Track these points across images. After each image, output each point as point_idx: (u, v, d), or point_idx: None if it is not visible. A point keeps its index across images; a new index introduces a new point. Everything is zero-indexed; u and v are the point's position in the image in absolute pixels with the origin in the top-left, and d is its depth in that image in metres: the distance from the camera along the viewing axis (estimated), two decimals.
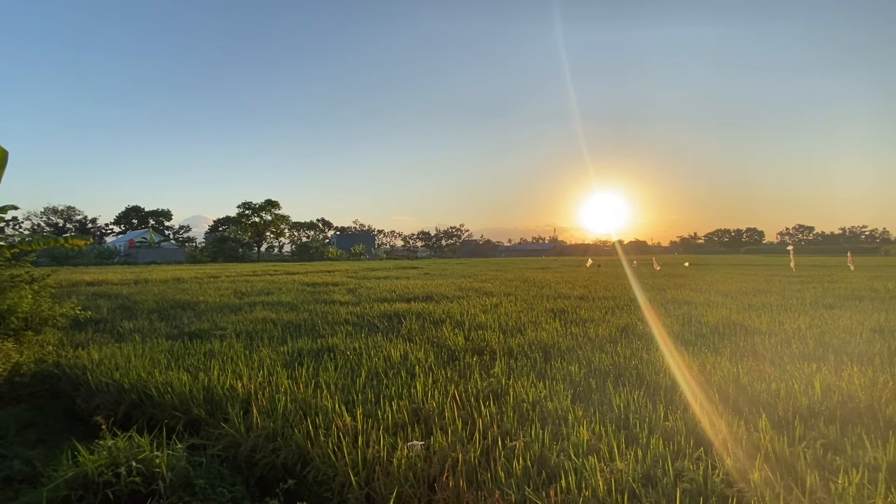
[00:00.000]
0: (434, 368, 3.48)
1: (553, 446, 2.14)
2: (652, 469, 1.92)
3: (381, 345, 4.32)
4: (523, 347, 4.16)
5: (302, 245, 70.77)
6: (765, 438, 2.10)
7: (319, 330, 5.26)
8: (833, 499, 1.68)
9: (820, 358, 3.63)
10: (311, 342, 4.51)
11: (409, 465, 2.01)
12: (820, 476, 1.83)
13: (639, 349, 3.97)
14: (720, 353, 3.84)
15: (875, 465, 1.90)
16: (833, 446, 2.10)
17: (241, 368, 3.48)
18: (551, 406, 2.63)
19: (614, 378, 3.22)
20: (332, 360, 3.82)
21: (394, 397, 2.80)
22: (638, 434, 2.25)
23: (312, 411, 2.62)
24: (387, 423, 2.44)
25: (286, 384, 3.07)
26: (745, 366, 3.36)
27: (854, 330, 4.69)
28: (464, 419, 2.47)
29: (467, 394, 2.86)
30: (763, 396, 2.73)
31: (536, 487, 1.82)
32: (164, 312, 6.95)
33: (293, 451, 2.30)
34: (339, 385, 3.08)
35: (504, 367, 3.49)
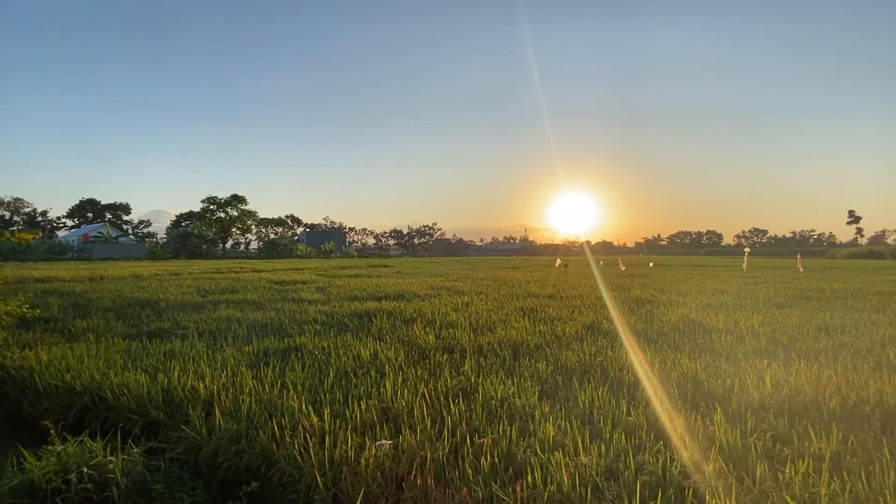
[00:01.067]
0: (404, 367, 3.47)
1: (520, 442, 2.18)
2: (614, 463, 1.98)
3: (350, 344, 4.27)
4: (493, 345, 4.20)
5: (270, 242, 69.01)
6: (719, 431, 2.21)
7: (287, 329, 5.15)
8: (780, 487, 1.78)
9: (771, 354, 3.83)
10: (278, 341, 4.41)
11: (378, 464, 1.99)
12: (769, 466, 1.93)
13: (604, 347, 4.08)
14: (680, 350, 4.00)
15: (819, 455, 2.03)
16: (781, 438, 2.23)
17: (203, 369, 3.37)
18: (519, 403, 2.68)
19: (580, 375, 3.30)
20: (300, 359, 3.75)
21: (363, 397, 2.78)
22: (602, 429, 2.32)
23: (278, 412, 2.57)
24: (355, 422, 2.41)
25: (251, 385, 2.99)
26: (703, 362, 3.52)
27: (802, 328, 4.98)
28: (433, 417, 2.47)
29: (437, 392, 2.87)
30: (719, 391, 2.87)
31: (503, 483, 1.85)
32: (121, 311, 6.63)
33: (258, 452, 2.25)
34: (307, 385, 3.03)
35: (474, 365, 3.52)
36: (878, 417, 2.44)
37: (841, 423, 2.37)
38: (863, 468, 1.90)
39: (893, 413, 2.49)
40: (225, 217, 65.28)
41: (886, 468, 1.87)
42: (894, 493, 1.70)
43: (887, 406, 2.56)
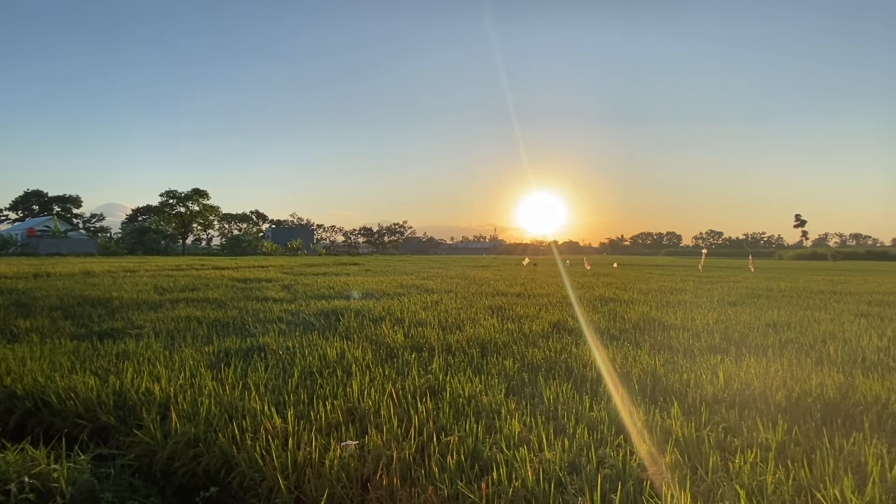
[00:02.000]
0: (372, 366, 3.43)
1: (486, 439, 2.20)
2: (577, 457, 2.03)
3: (316, 343, 4.18)
4: (461, 343, 4.22)
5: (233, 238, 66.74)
6: (676, 425, 2.30)
7: (250, 328, 4.99)
8: (731, 476, 1.87)
9: (724, 350, 4.03)
10: (241, 341, 4.27)
11: (342, 465, 1.96)
12: (721, 457, 2.03)
13: (569, 344, 4.18)
14: (640, 346, 4.14)
15: (766, 445, 2.14)
16: (732, 429, 2.34)
17: (159, 370, 3.22)
18: (486, 400, 2.70)
19: (545, 372, 3.36)
20: (263, 359, 3.65)
21: (328, 397, 2.73)
22: (566, 424, 2.37)
23: (239, 414, 2.49)
24: (320, 423, 2.37)
25: (211, 386, 2.88)
26: (662, 358, 3.66)
27: (752, 325, 5.26)
28: (400, 417, 2.46)
29: (405, 391, 2.85)
30: (676, 386, 2.99)
31: (469, 481, 1.86)
32: (69, 310, 6.25)
33: (217, 456, 2.17)
34: (270, 386, 2.95)
35: (442, 363, 3.52)
36: (819, 409, 2.61)
37: (786, 414, 2.51)
38: (805, 456, 2.02)
39: (832, 404, 2.66)
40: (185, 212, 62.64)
41: (826, 456, 2.00)
42: (833, 479, 1.82)
43: (827, 398, 2.73)
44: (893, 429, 2.35)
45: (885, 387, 2.92)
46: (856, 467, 1.94)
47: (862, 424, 2.38)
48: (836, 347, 4.05)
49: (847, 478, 1.78)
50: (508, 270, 18.80)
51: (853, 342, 4.33)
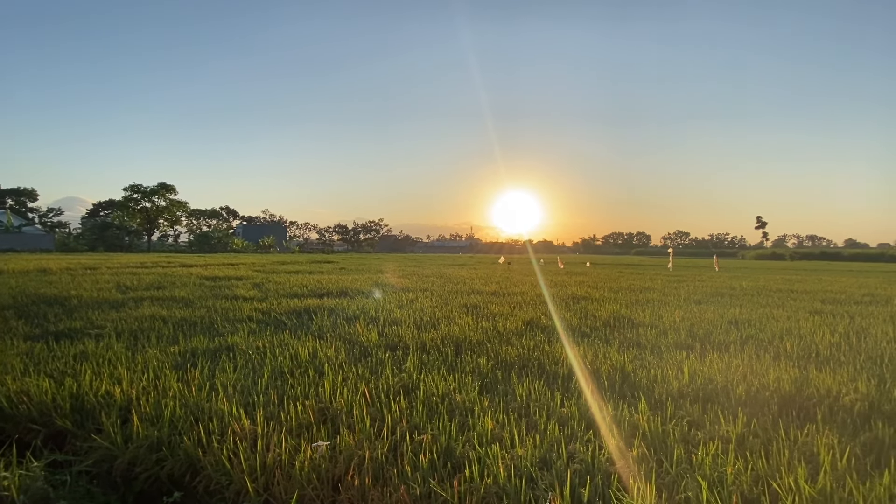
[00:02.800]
0: (345, 366, 3.39)
1: (459, 437, 2.20)
2: (548, 453, 2.06)
3: (288, 343, 4.10)
4: (436, 342, 4.22)
5: (202, 235, 64.71)
6: (643, 419, 2.37)
7: (218, 328, 4.85)
8: (694, 468, 1.94)
9: (689, 346, 4.17)
10: (208, 341, 4.14)
11: (313, 466, 1.93)
12: (685, 450, 2.10)
13: (541, 341, 4.24)
14: (610, 343, 4.24)
15: (727, 438, 2.23)
16: (696, 423, 2.43)
17: (120, 372, 3.09)
18: (460, 398, 2.71)
19: (519, 369, 3.40)
20: (232, 360, 3.55)
21: (299, 397, 2.68)
22: (537, 421, 2.41)
23: (206, 416, 2.42)
24: (290, 424, 2.32)
25: (176, 388, 2.78)
26: (630, 355, 3.76)
27: (716, 322, 5.47)
28: (373, 416, 2.44)
29: (378, 390, 2.83)
30: (643, 382, 3.07)
31: (442, 479, 1.86)
32: (22, 309, 5.92)
33: (181, 460, 2.10)
34: (239, 387, 2.87)
35: (416, 361, 3.51)
36: (776, 401, 2.73)
37: (746, 407, 2.62)
38: (763, 448, 2.11)
39: (788, 397, 2.80)
40: (151, 207, 60.35)
41: (782, 447, 2.09)
42: (788, 469, 1.91)
43: (783, 391, 2.87)
44: (843, 420, 2.48)
45: (837, 380, 3.08)
46: (809, 457, 2.04)
47: (815, 416, 2.50)
48: (792, 343, 4.25)
49: (801, 467, 1.87)
50: (484, 269, 18.92)
51: (808, 338, 4.55)
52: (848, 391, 2.86)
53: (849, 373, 3.31)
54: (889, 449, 2.14)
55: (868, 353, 3.95)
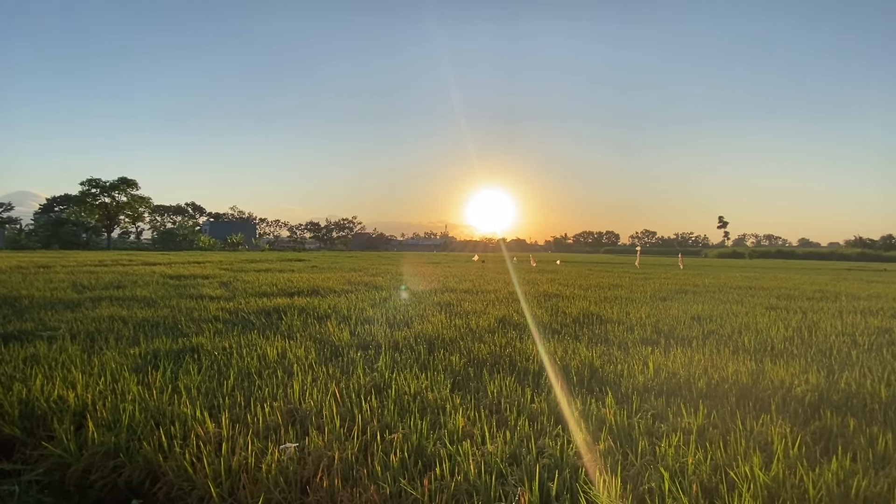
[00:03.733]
0: (315, 366, 3.33)
1: (430, 435, 2.20)
2: (518, 449, 2.08)
3: (256, 343, 4.00)
4: (409, 340, 4.20)
5: (166, 232, 62.28)
6: (610, 413, 2.43)
7: (182, 328, 4.68)
8: (658, 460, 2.00)
9: (654, 342, 4.31)
10: (171, 342, 3.99)
11: (281, 468, 1.89)
12: (649, 442, 2.17)
13: (513, 338, 4.29)
14: (580, 340, 4.33)
15: (689, 429, 2.31)
16: (660, 416, 2.51)
17: (74, 375, 2.93)
18: (432, 396, 2.71)
19: (490, 366, 3.43)
20: (196, 361, 3.43)
21: (267, 399, 2.62)
22: (508, 417, 2.43)
23: (167, 420, 2.33)
24: (257, 426, 2.27)
25: (135, 391, 2.67)
26: (598, 351, 3.85)
27: (680, 318, 5.66)
28: (343, 416, 2.41)
29: (349, 390, 2.80)
30: (611, 377, 3.15)
31: (412, 478, 1.85)
32: None
33: (140, 466, 2.02)
34: (203, 389, 2.78)
35: (389, 360, 3.49)
36: (734, 393, 2.85)
37: (706, 399, 2.73)
38: (721, 438, 2.20)
39: (745, 389, 2.92)
40: (111, 203, 57.66)
41: (739, 437, 2.19)
42: (744, 458, 1.99)
43: (741, 383, 3.00)
44: (795, 410, 2.61)
45: (790, 372, 3.25)
46: (763, 446, 2.14)
47: (770, 407, 2.63)
48: (749, 337, 4.46)
49: (756, 456, 1.96)
50: (458, 267, 18.97)
51: (764, 332, 4.78)
52: (800, 382, 3.02)
53: (801, 365, 3.49)
54: (837, 437, 2.27)
55: (818, 346, 4.18)
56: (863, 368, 3.43)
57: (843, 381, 3.08)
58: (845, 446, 2.14)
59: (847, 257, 63.06)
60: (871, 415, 2.56)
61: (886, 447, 2.12)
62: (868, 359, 3.76)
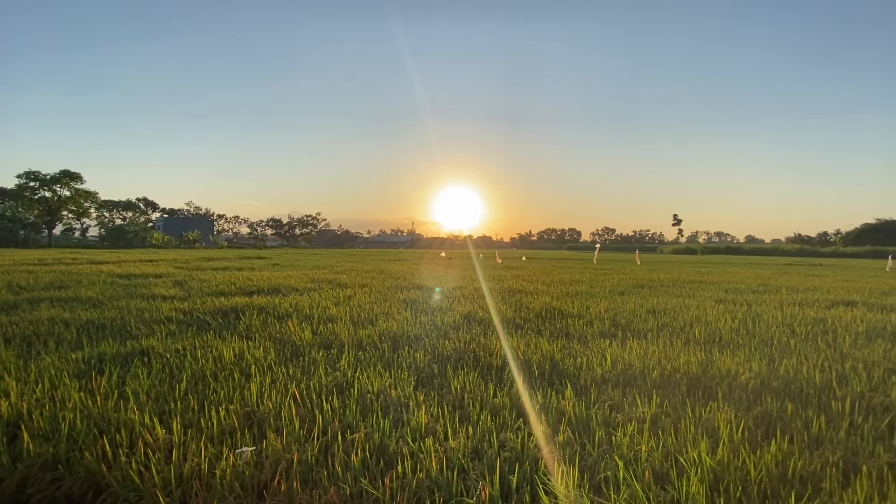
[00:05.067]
0: (274, 366, 3.24)
1: (393, 434, 2.19)
2: (480, 443, 2.11)
3: (211, 344, 3.84)
4: (373, 338, 4.16)
5: (116, 229, 58.82)
6: (569, 405, 2.49)
7: (132, 330, 4.44)
8: (613, 449, 2.07)
9: (612, 335, 4.46)
10: (119, 345, 3.77)
11: (236, 474, 1.83)
12: (606, 432, 2.24)
13: (478, 334, 4.33)
14: (542, 334, 4.43)
15: (643, 418, 2.41)
16: (616, 406, 2.60)
17: (7, 383, 2.72)
18: (395, 394, 2.69)
19: (455, 362, 3.45)
20: (146, 364, 3.26)
21: (223, 402, 2.52)
22: (471, 412, 2.45)
23: (113, 427, 2.20)
24: (212, 431, 2.18)
25: (77, 398, 2.50)
26: (559, 344, 3.94)
27: (636, 312, 5.89)
28: (303, 417, 2.35)
29: (309, 390, 2.74)
30: (570, 370, 3.24)
31: (373, 477, 1.84)
32: None
33: (82, 478, 1.89)
34: (153, 394, 2.64)
35: (351, 359, 3.44)
36: (685, 383, 3.00)
37: (660, 389, 2.85)
38: (673, 426, 2.31)
39: (695, 378, 3.08)
40: (52, 197, 53.85)
41: (689, 424, 2.30)
42: (693, 444, 2.10)
43: (692, 373, 3.15)
44: (740, 397, 2.77)
45: (735, 361, 3.44)
46: (710, 431, 2.26)
47: (717, 394, 2.78)
48: (700, 329, 4.69)
49: (703, 441, 2.07)
50: (425, 264, 18.95)
51: (713, 324, 5.05)
52: (744, 371, 3.21)
53: (745, 354, 3.71)
54: (776, 421, 2.43)
55: (761, 337, 4.45)
56: (800, 356, 3.68)
57: (783, 368, 3.29)
58: (784, 429, 2.29)
59: (787, 253, 67.56)
60: (807, 399, 2.75)
61: (820, 429, 2.29)
62: (805, 347, 4.04)
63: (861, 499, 1.69)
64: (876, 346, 4.09)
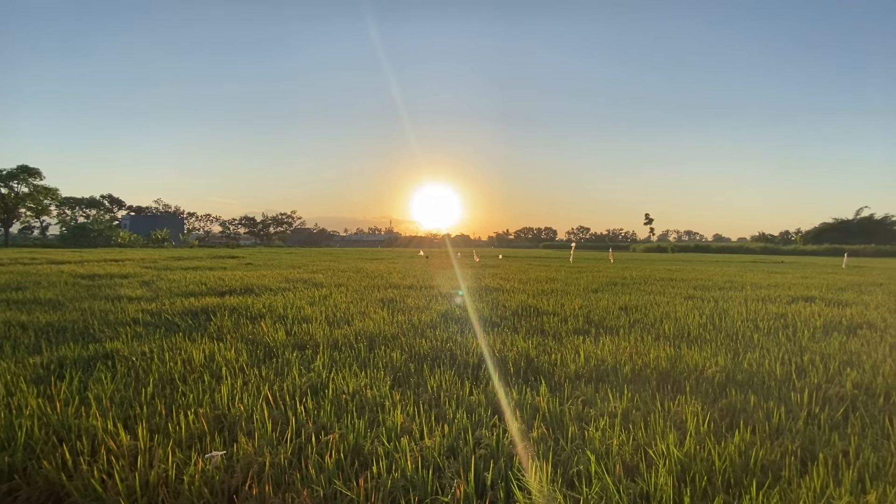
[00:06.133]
0: (246, 368, 3.17)
1: (368, 434, 2.17)
2: (456, 441, 2.11)
3: (180, 346, 3.73)
4: (349, 338, 4.12)
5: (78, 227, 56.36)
6: (543, 402, 2.53)
7: (95, 333, 4.26)
8: (586, 443, 2.12)
9: (586, 332, 4.55)
10: (81, 349, 3.62)
11: (205, 479, 1.78)
12: (579, 427, 2.28)
13: (455, 333, 4.34)
14: (518, 332, 4.47)
15: (614, 413, 2.47)
16: (589, 401, 2.65)
17: None
18: (370, 394, 2.67)
19: (431, 361, 3.45)
20: (111, 368, 3.14)
21: (192, 405, 2.45)
22: (447, 410, 2.46)
23: (73, 435, 2.11)
24: (180, 436, 2.11)
25: (35, 404, 2.39)
26: (534, 342, 3.99)
27: (609, 308, 6.02)
28: (276, 420, 2.31)
29: (283, 392, 2.69)
30: (545, 366, 3.29)
31: (348, 478, 1.82)
32: None
33: (41, 488, 1.81)
34: (117, 399, 2.55)
35: (326, 360, 3.40)
36: (655, 377, 3.08)
37: (631, 384, 2.93)
38: (643, 419, 2.37)
39: (665, 373, 3.17)
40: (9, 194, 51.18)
41: (658, 417, 2.37)
42: (662, 437, 2.16)
43: (661, 368, 3.24)
44: (706, 390, 2.87)
45: (702, 356, 3.56)
46: (678, 424, 2.33)
47: (685, 388, 2.87)
48: (669, 325, 4.83)
49: (672, 434, 2.13)
50: (403, 263, 18.87)
51: (682, 320, 5.20)
52: (710, 365, 3.33)
53: (712, 349, 3.84)
54: (740, 412, 2.52)
55: (727, 332, 4.62)
56: (762, 350, 3.84)
57: (746, 361, 3.43)
58: (747, 420, 2.38)
59: (752, 251, 70.28)
60: (769, 391, 2.87)
61: (780, 419, 2.39)
62: (767, 341, 4.22)
63: (818, 485, 1.78)
64: (832, 339, 4.30)
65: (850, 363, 3.46)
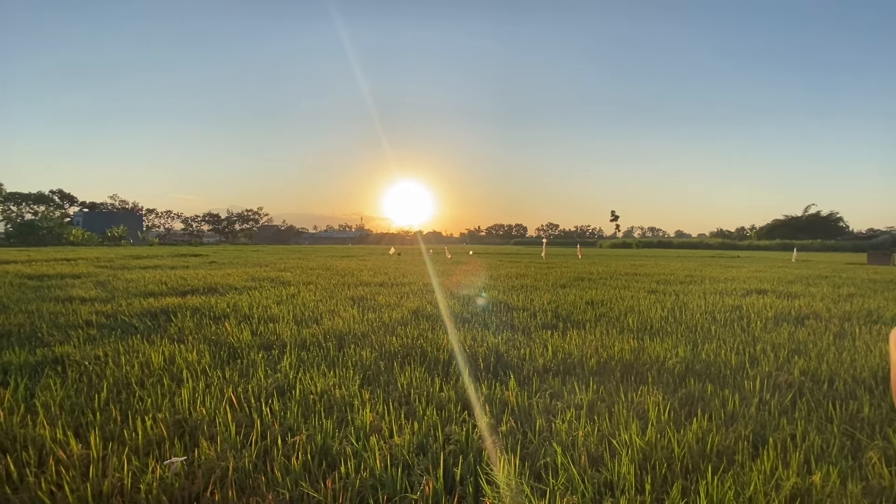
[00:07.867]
0: (209, 370, 3.06)
1: (336, 434, 2.15)
2: (425, 438, 2.11)
3: (138, 349, 3.56)
4: (317, 337, 4.04)
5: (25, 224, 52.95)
6: (512, 396, 2.56)
7: (43, 337, 4.02)
8: (553, 435, 2.16)
9: (553, 326, 4.64)
10: (28, 354, 3.40)
11: (164, 487, 1.71)
12: (546, 419, 2.33)
13: (426, 330, 4.34)
14: (488, 327, 4.51)
15: (580, 405, 2.53)
16: (556, 394, 2.70)
17: None
18: (339, 394, 2.64)
19: (402, 358, 3.43)
20: (60, 374, 2.97)
21: (150, 410, 2.35)
22: (417, 408, 2.45)
23: (19, 445, 1.98)
24: (136, 442, 2.02)
25: None
26: (504, 337, 4.04)
27: (576, 303, 6.16)
28: (240, 422, 2.25)
29: (248, 394, 2.62)
30: (514, 361, 3.33)
31: (315, 480, 1.79)
32: None
33: None
34: (68, 405, 2.41)
35: (294, 360, 3.33)
36: (619, 369, 3.18)
37: (596, 376, 3.01)
38: (608, 410, 2.44)
39: (628, 364, 3.27)
40: None
41: (622, 408, 2.44)
42: (625, 427, 2.23)
43: (625, 360, 3.35)
44: (667, 380, 2.98)
45: (664, 347, 3.70)
46: (641, 414, 2.41)
47: (647, 379, 2.97)
48: (633, 318, 4.99)
49: (634, 423, 2.20)
50: (374, 260, 18.69)
51: (645, 313, 5.39)
52: (671, 356, 3.46)
53: (672, 340, 4.00)
54: (698, 401, 2.64)
55: (686, 324, 4.82)
56: (719, 341, 4.02)
57: (704, 352, 3.58)
58: (704, 408, 2.49)
59: (711, 246, 73.56)
60: (724, 380, 3.01)
61: (735, 406, 2.51)
62: (723, 332, 4.42)
63: (768, 468, 1.88)
64: (782, 329, 4.55)
65: (798, 352, 3.67)
